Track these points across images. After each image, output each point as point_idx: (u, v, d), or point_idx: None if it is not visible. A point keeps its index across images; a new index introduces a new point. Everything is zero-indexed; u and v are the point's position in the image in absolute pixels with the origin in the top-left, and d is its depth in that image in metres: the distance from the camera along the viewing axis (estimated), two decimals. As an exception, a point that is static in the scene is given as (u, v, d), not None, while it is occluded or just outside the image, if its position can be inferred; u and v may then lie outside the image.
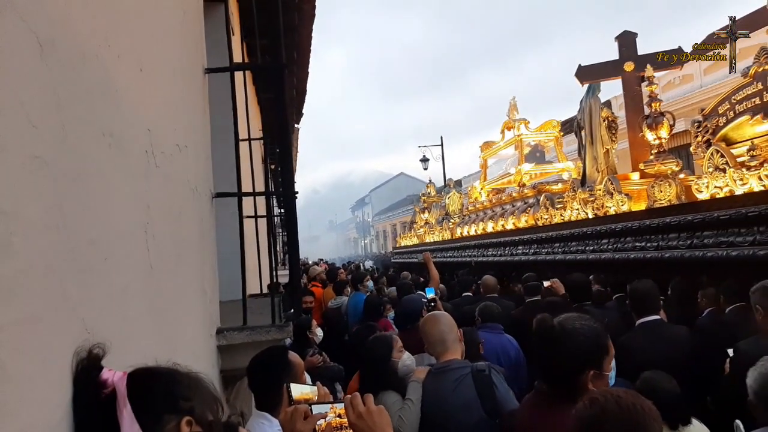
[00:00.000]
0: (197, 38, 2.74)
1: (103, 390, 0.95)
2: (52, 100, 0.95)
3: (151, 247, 1.49)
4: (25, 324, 0.80)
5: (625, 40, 8.39)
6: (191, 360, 1.93)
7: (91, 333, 1.02)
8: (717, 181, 5.39)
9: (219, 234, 3.01)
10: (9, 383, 0.74)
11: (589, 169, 7.84)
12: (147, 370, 1.04)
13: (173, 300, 1.76)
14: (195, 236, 2.25)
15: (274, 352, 2.41)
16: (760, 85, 5.37)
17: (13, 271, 0.77)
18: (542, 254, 8.09)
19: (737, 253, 4.64)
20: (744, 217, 4.64)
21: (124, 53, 1.40)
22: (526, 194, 9.93)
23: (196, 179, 2.31)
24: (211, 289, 2.67)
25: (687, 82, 16.46)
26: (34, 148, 0.86)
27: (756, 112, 5.41)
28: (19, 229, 0.80)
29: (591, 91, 8.03)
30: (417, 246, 16.99)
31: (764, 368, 2.12)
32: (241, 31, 5.21)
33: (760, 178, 4.90)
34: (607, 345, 1.89)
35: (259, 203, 3.67)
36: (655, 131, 6.70)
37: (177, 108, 2.06)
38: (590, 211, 7.36)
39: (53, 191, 0.93)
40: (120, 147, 1.30)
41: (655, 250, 5.66)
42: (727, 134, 5.77)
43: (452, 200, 14.60)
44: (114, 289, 1.20)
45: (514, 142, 11.26)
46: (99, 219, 1.14)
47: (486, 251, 10.33)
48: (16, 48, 0.83)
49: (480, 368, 2.57)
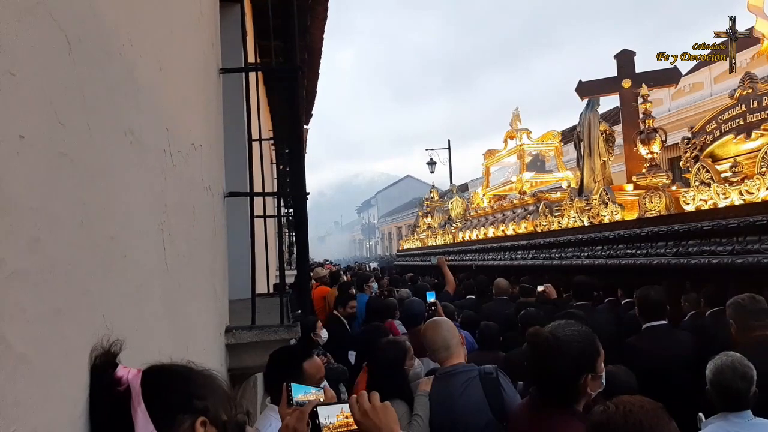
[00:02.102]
0: (213, 39, 2.76)
1: (117, 387, 0.94)
2: (78, 98, 0.96)
3: (167, 245, 1.50)
4: (50, 319, 0.81)
5: (624, 59, 8.99)
6: (202, 358, 1.94)
7: (110, 329, 1.03)
8: (702, 194, 5.83)
9: (228, 233, 3.03)
10: (34, 377, 0.75)
11: (587, 179, 8.34)
12: (161, 368, 1.03)
13: (186, 298, 1.77)
14: (207, 235, 2.26)
15: (288, 350, 2.43)
16: (743, 107, 5.91)
17: (40, 267, 0.78)
18: (540, 259, 8.54)
19: (717, 261, 5.06)
20: (725, 228, 5.09)
21: (146, 52, 1.41)
22: (527, 201, 10.38)
23: (209, 178, 2.32)
24: (221, 287, 2.69)
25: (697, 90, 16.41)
26: (61, 146, 0.87)
27: (740, 131, 5.95)
28: (46, 224, 0.81)
29: (590, 106, 8.55)
30: (420, 249, 17.40)
31: (720, 361, 2.44)
32: (254, 32, 5.23)
33: (741, 192, 5.36)
34: (598, 347, 1.93)
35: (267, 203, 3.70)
36: (647, 146, 7.19)
37: (193, 108, 2.08)
38: (586, 219, 7.81)
39: (77, 188, 0.94)
40: (140, 145, 1.31)
41: (644, 257, 6.10)
42: (714, 151, 6.35)
43: (455, 205, 15.12)
44: (131, 286, 1.21)
45: (516, 152, 11.78)
46: (119, 216, 1.15)
47: (486, 255, 10.85)
48: (46, 46, 0.84)
49: (488, 371, 2.57)
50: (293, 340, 3.12)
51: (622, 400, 1.45)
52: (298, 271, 3.32)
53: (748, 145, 5.84)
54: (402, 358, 3.09)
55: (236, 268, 3.30)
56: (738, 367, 2.39)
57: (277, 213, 3.40)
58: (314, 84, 8.51)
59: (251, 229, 2.87)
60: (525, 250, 9.23)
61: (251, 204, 2.89)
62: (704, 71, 17.19)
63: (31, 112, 0.78)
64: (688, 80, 18.28)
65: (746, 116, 5.87)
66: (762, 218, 4.72)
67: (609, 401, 1.47)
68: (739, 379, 2.35)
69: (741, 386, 2.34)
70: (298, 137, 3.38)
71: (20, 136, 0.74)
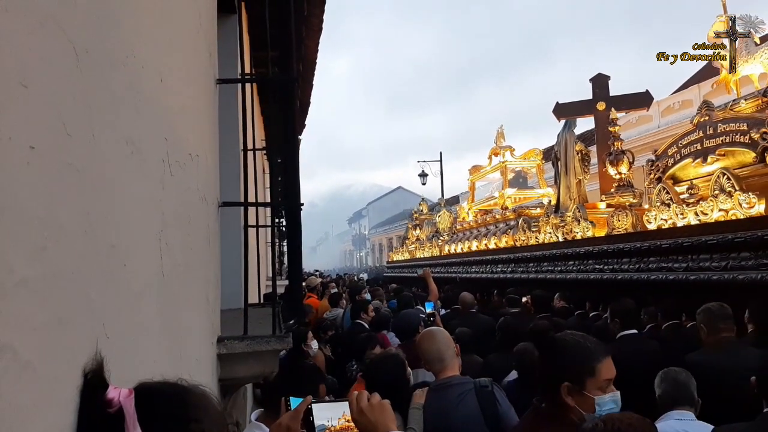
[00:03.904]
0: (211, 49, 2.78)
1: (108, 409, 0.89)
2: (84, 109, 0.97)
3: (164, 254, 1.51)
4: (54, 326, 0.82)
5: (599, 82, 9.72)
6: (194, 368, 1.94)
7: (110, 338, 1.03)
8: (663, 214, 6.27)
9: (222, 243, 3.03)
10: (39, 383, 0.75)
11: (563, 196, 8.81)
12: (154, 388, 0.98)
13: (181, 307, 1.77)
14: (202, 244, 2.27)
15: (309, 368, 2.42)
16: (701, 133, 6.41)
17: (46, 275, 0.80)
18: (518, 273, 9.00)
19: (674, 277, 5.49)
20: (680, 246, 5.49)
21: (147, 63, 1.43)
22: (508, 217, 10.91)
23: (205, 188, 2.33)
24: (214, 297, 2.68)
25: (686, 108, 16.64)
26: (67, 156, 0.89)
27: (697, 156, 6.43)
28: (52, 233, 0.82)
29: (567, 126, 9.07)
30: (408, 261, 17.59)
31: (665, 373, 2.89)
32: (250, 42, 5.26)
33: (696, 213, 5.80)
34: (594, 367, 1.83)
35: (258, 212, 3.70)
36: (616, 167, 7.72)
37: (191, 117, 2.09)
38: (561, 235, 8.25)
39: (81, 197, 0.95)
40: (140, 155, 1.33)
41: (610, 272, 6.57)
42: (675, 173, 6.88)
43: (442, 218, 15.49)
44: (130, 295, 1.22)
45: (499, 168, 12.40)
46: (120, 226, 1.16)
47: (470, 268, 11.33)
48: (56, 58, 0.86)
49: (483, 384, 2.58)
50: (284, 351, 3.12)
51: (611, 418, 1.47)
52: (291, 281, 3.32)
53: (705, 169, 6.28)
54: (403, 372, 3.09)
55: (227, 277, 3.30)
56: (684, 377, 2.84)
57: (272, 223, 3.41)
58: (308, 95, 8.56)
59: (245, 239, 2.87)
60: (505, 264, 9.71)
61: (245, 214, 2.90)
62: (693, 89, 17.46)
63: (41, 123, 0.80)
64: (678, 98, 18.54)
65: (703, 142, 6.32)
66: (713, 238, 5.13)
67: (599, 419, 1.49)
68: (683, 387, 2.80)
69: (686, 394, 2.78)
70: (293, 148, 3.40)
71: (31, 146, 0.76)
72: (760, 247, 4.66)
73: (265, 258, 5.11)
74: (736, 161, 5.90)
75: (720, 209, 5.46)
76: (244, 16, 4.43)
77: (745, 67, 6.51)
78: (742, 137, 5.77)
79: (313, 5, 5.75)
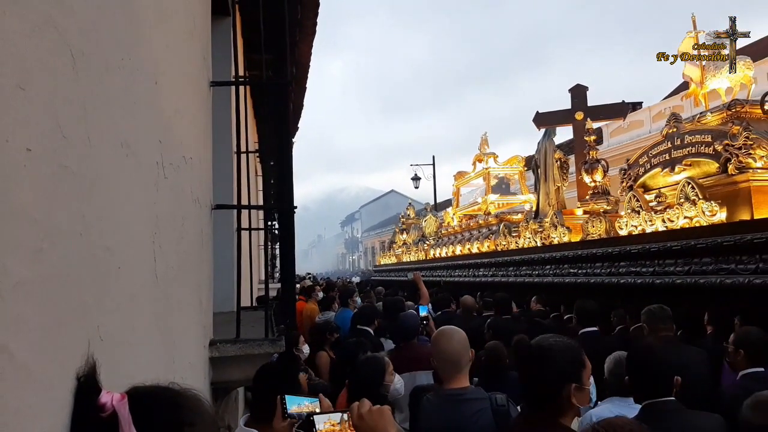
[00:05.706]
0: (205, 52, 2.78)
1: (101, 414, 0.88)
2: (80, 112, 0.97)
3: (158, 257, 1.51)
4: (49, 328, 0.82)
5: (578, 92, 9.99)
6: (187, 371, 1.94)
7: (104, 340, 1.03)
8: (633, 220, 6.54)
9: (213, 245, 3.03)
10: (34, 385, 0.75)
11: (542, 203, 9.08)
12: (147, 393, 0.98)
13: (173, 310, 1.77)
14: (195, 247, 2.27)
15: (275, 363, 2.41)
16: (669, 144, 6.61)
17: (42, 276, 0.80)
18: (498, 276, 9.24)
19: (641, 281, 5.75)
20: (648, 251, 5.73)
21: (142, 66, 1.43)
22: (491, 222, 11.18)
23: (198, 191, 2.33)
24: (207, 300, 2.68)
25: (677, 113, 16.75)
26: (63, 158, 0.89)
27: (665, 165, 6.67)
28: (48, 235, 0.82)
29: (547, 135, 9.33)
30: (395, 265, 17.77)
31: (616, 355, 3.02)
32: (244, 45, 5.26)
33: (663, 220, 6.05)
34: (583, 359, 1.94)
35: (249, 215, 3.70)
36: (591, 175, 8.00)
37: (185, 120, 2.09)
38: (539, 240, 8.50)
39: (77, 199, 0.95)
40: (135, 157, 1.33)
41: (584, 276, 6.83)
42: (646, 182, 7.10)
43: (428, 223, 15.77)
44: (124, 297, 1.22)
45: (482, 174, 12.69)
46: (114, 228, 1.16)
47: (453, 272, 11.62)
48: (53, 61, 0.86)
49: (500, 403, 2.47)
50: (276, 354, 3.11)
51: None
52: (284, 284, 3.31)
53: (672, 178, 6.52)
54: (380, 376, 3.07)
55: (220, 280, 3.29)
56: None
57: (264, 226, 3.40)
58: (301, 98, 8.55)
59: (238, 242, 2.87)
60: (486, 268, 9.96)
61: (238, 216, 2.90)
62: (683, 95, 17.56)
63: (37, 125, 0.80)
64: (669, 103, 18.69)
65: (671, 152, 6.58)
66: (677, 244, 5.34)
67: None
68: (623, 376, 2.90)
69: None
70: (286, 151, 3.40)
71: (27, 149, 0.76)
72: (720, 253, 4.93)
73: (257, 261, 5.10)
74: (701, 171, 6.12)
75: (685, 216, 5.76)
76: (238, 18, 4.44)
77: (713, 81, 6.77)
78: (706, 148, 6.02)
79: (306, 9, 5.75)
